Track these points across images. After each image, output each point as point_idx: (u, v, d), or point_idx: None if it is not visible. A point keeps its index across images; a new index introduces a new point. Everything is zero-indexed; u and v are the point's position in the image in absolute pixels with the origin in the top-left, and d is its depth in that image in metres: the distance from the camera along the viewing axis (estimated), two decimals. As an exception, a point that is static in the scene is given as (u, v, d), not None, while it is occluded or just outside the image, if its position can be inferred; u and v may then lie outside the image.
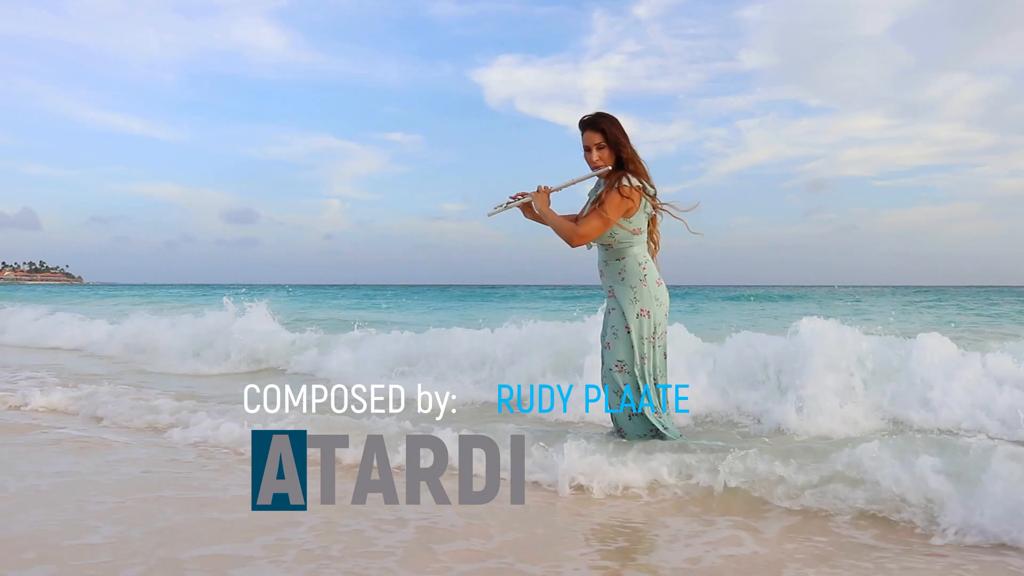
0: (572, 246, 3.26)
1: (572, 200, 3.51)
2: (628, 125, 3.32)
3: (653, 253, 3.42)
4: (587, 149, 3.32)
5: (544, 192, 3.33)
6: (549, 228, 3.36)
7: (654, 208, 3.37)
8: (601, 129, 3.29)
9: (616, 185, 3.24)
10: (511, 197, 3.39)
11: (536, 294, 39.02)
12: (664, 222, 3.50)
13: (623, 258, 3.35)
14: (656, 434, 3.36)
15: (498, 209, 3.36)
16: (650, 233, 3.41)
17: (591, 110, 3.43)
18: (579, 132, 3.36)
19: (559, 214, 3.40)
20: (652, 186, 3.37)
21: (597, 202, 3.28)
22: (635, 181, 3.27)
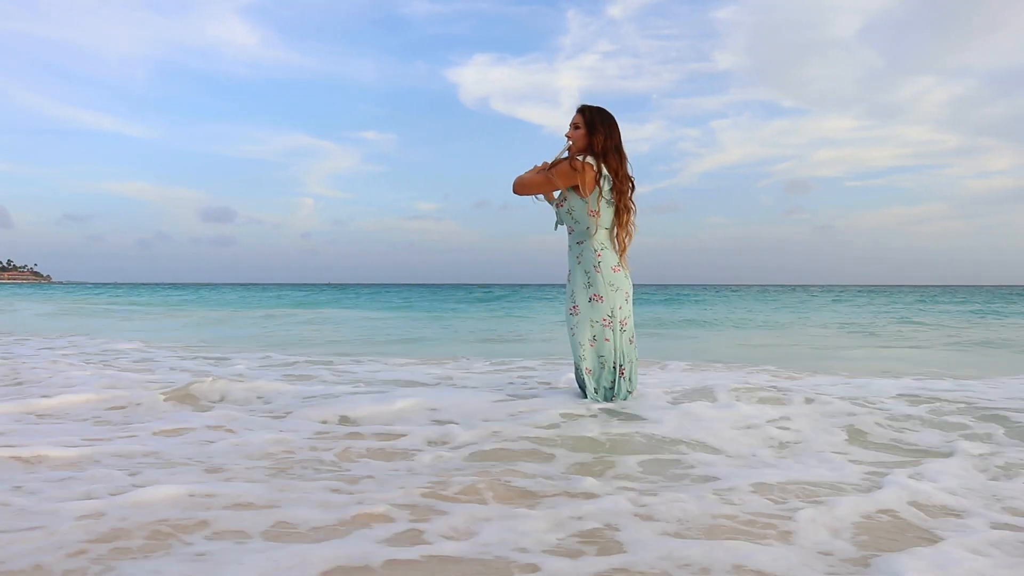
0: (513, 191, 3.53)
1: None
2: None
3: (622, 249, 3.50)
4: (570, 125, 3.54)
5: (542, 166, 3.53)
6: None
7: (618, 199, 3.43)
8: (584, 113, 3.49)
9: (571, 158, 3.41)
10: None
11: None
12: (642, 224, 3.61)
13: (582, 242, 3.48)
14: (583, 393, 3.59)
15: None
16: (619, 228, 3.49)
17: (565, 109, 3.75)
18: (553, 137, 3.75)
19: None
20: (620, 178, 3.43)
21: (551, 164, 3.48)
22: (591, 160, 3.40)
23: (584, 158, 3.38)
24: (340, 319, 15.14)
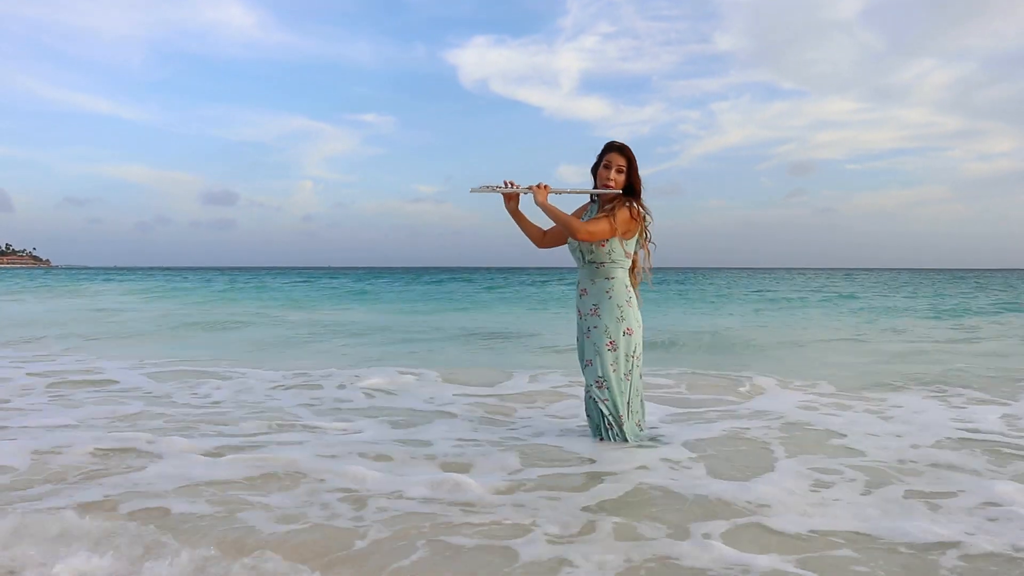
0: (577, 238, 3.47)
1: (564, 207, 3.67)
2: (602, 107, 3.51)
3: (636, 282, 3.65)
4: (607, 167, 3.51)
5: (545, 189, 3.47)
6: (516, 227, 3.67)
7: (644, 242, 3.64)
8: (628, 158, 3.51)
9: (629, 204, 3.49)
10: (505, 182, 3.51)
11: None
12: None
13: (612, 278, 3.55)
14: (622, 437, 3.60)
15: (484, 189, 3.48)
16: (635, 263, 3.64)
17: (566, 91, 3.81)
18: (602, 148, 3.57)
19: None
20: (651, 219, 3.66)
21: (609, 211, 3.49)
22: (643, 210, 3.55)
23: (637, 206, 3.52)
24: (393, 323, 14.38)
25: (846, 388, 5.52)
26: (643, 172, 3.58)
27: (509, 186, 3.50)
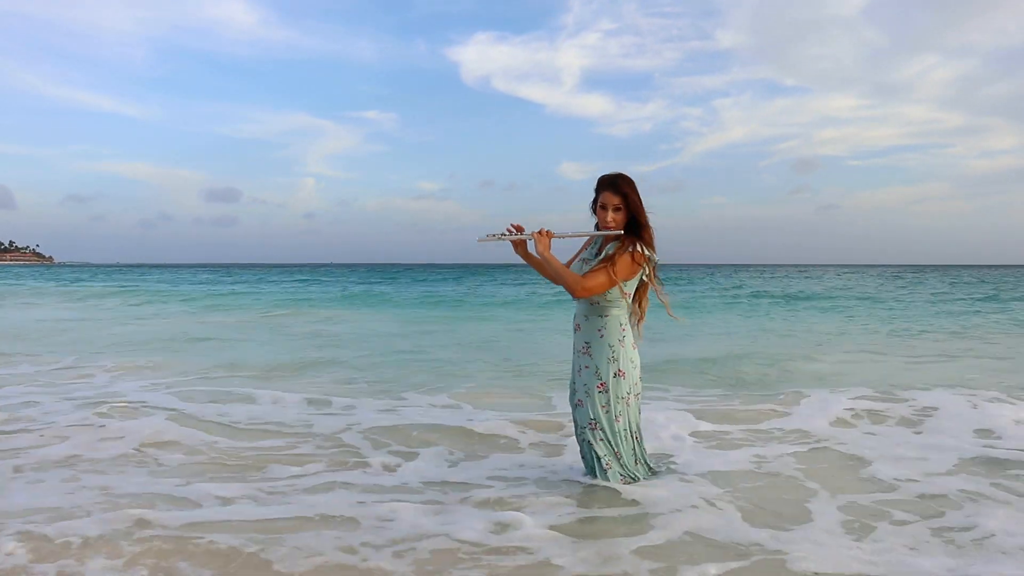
0: (575, 296, 3.32)
1: (561, 247, 3.47)
2: (604, 104, 2.96)
3: (639, 319, 3.47)
4: (603, 207, 3.32)
5: (546, 236, 3.30)
6: (531, 266, 3.46)
7: (650, 279, 3.41)
8: (623, 193, 3.29)
9: (630, 249, 3.29)
10: (508, 228, 3.39)
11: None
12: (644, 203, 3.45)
13: (606, 316, 3.38)
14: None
15: (491, 237, 3.38)
16: (639, 299, 3.44)
17: (568, 88, 3.29)
18: (595, 184, 3.37)
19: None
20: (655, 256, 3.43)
21: (608, 260, 3.30)
22: (646, 251, 3.33)
23: (643, 251, 3.30)
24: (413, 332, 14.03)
25: (883, 401, 5.44)
26: (645, 169, 3.46)
27: (515, 232, 3.40)
